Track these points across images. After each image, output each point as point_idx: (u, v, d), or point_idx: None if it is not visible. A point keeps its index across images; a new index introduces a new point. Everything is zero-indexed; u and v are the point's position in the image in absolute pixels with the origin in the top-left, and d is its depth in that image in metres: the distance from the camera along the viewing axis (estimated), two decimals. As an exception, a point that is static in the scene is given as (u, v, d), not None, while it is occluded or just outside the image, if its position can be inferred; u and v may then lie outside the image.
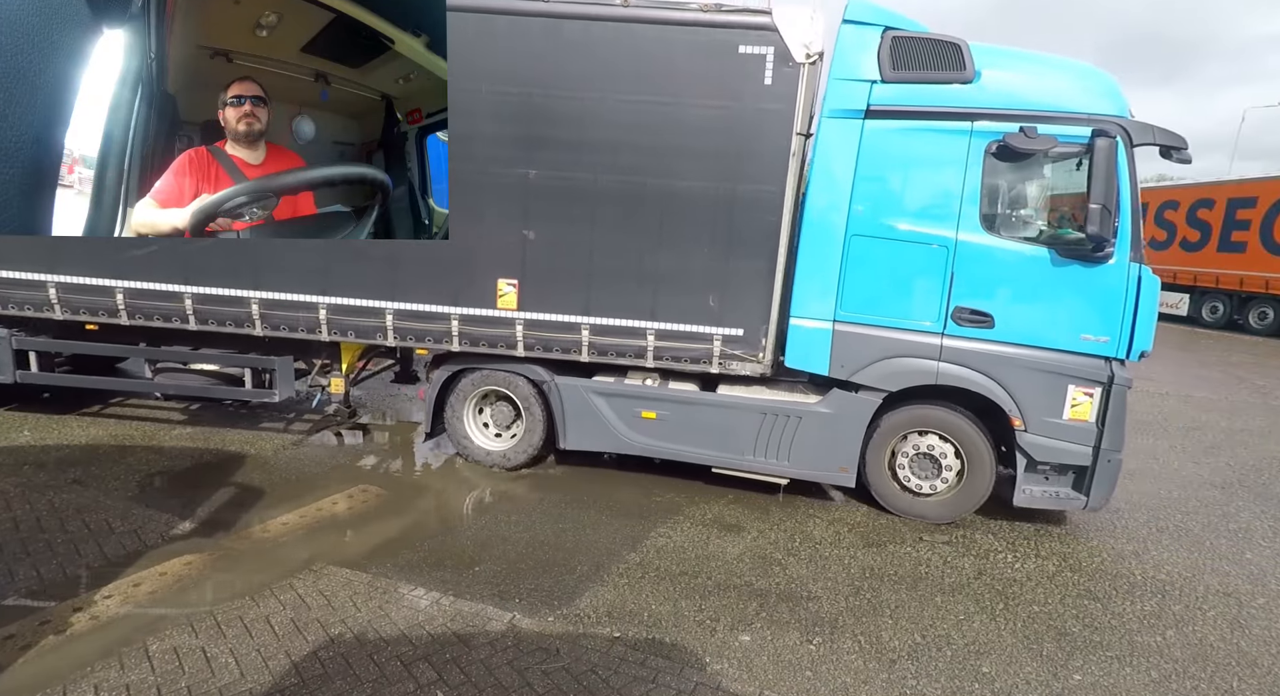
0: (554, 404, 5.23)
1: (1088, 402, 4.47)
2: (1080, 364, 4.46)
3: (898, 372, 4.64)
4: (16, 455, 5.18)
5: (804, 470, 4.99)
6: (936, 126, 4.41)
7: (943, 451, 4.82)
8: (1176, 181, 22.83)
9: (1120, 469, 4.67)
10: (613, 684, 2.94)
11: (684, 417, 5.05)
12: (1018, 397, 4.53)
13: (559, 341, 5.02)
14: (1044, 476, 4.75)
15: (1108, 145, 4.06)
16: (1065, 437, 4.55)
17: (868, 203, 4.53)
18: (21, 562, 3.66)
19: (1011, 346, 4.49)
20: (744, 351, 4.87)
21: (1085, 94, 4.36)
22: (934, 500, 4.90)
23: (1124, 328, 4.35)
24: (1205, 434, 7.85)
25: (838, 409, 4.84)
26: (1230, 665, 3.40)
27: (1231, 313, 18.38)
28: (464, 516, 4.63)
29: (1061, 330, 4.44)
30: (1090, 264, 4.31)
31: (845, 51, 4.48)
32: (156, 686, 2.78)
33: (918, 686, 3.09)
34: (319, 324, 5.14)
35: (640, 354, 4.97)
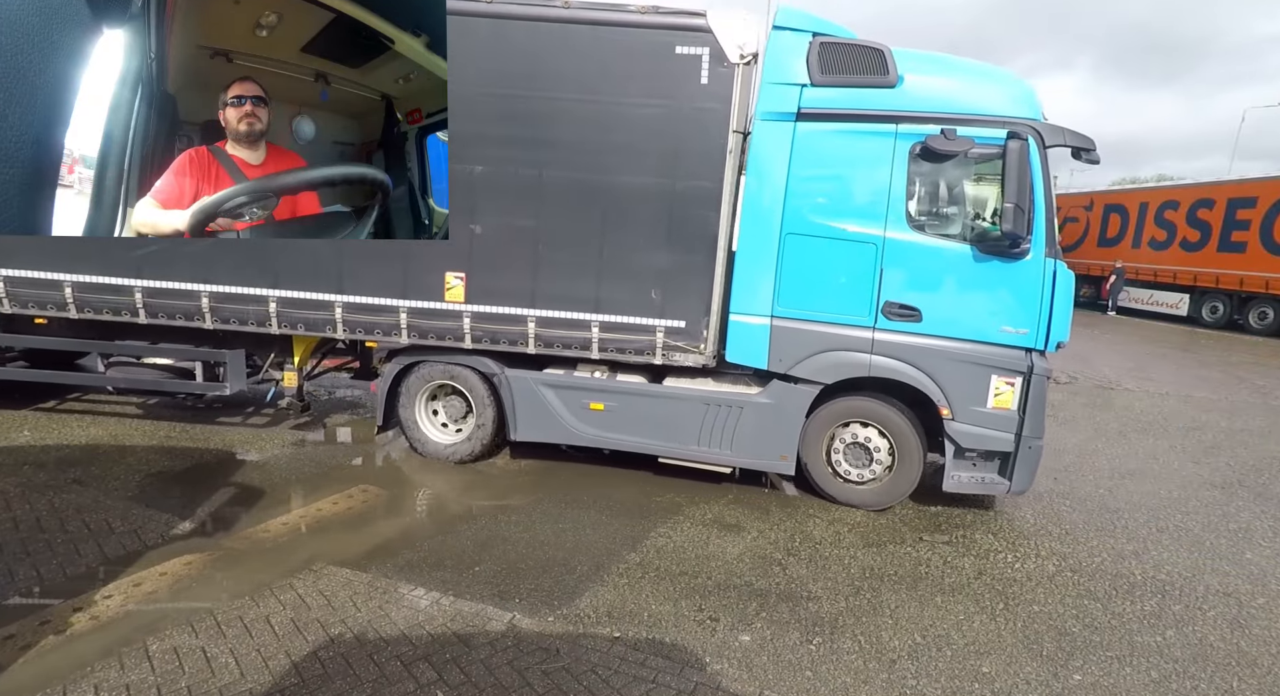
0: (504, 396, 5.33)
1: (1010, 392, 4.66)
2: (1002, 355, 4.64)
3: (833, 366, 4.82)
4: (16, 455, 5.18)
5: (746, 459, 5.15)
6: (863, 128, 4.58)
7: (876, 444, 4.99)
8: (1177, 181, 22.85)
9: (1041, 454, 4.80)
10: (613, 684, 2.94)
11: (631, 409, 5.18)
12: (945, 388, 4.71)
13: (506, 333, 5.13)
14: (971, 463, 4.92)
15: (1019, 147, 4.27)
16: (990, 425, 4.72)
17: (801, 202, 4.70)
18: (21, 562, 3.66)
19: (938, 339, 4.67)
20: (686, 343, 5.01)
21: (1001, 98, 4.54)
22: (867, 487, 5.08)
23: (1042, 320, 4.56)
24: (1205, 434, 7.85)
25: (777, 400, 5.00)
26: (1230, 665, 3.40)
27: (1231, 313, 18.39)
28: (464, 516, 4.63)
29: (984, 323, 4.63)
30: (1009, 260, 4.50)
31: (776, 56, 4.65)
32: (156, 686, 2.78)
33: (918, 686, 3.09)
34: (269, 317, 5.21)
35: (585, 346, 5.08)
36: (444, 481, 5.26)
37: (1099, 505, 5.49)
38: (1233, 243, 18.16)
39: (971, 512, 5.17)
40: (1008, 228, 4.28)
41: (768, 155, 4.70)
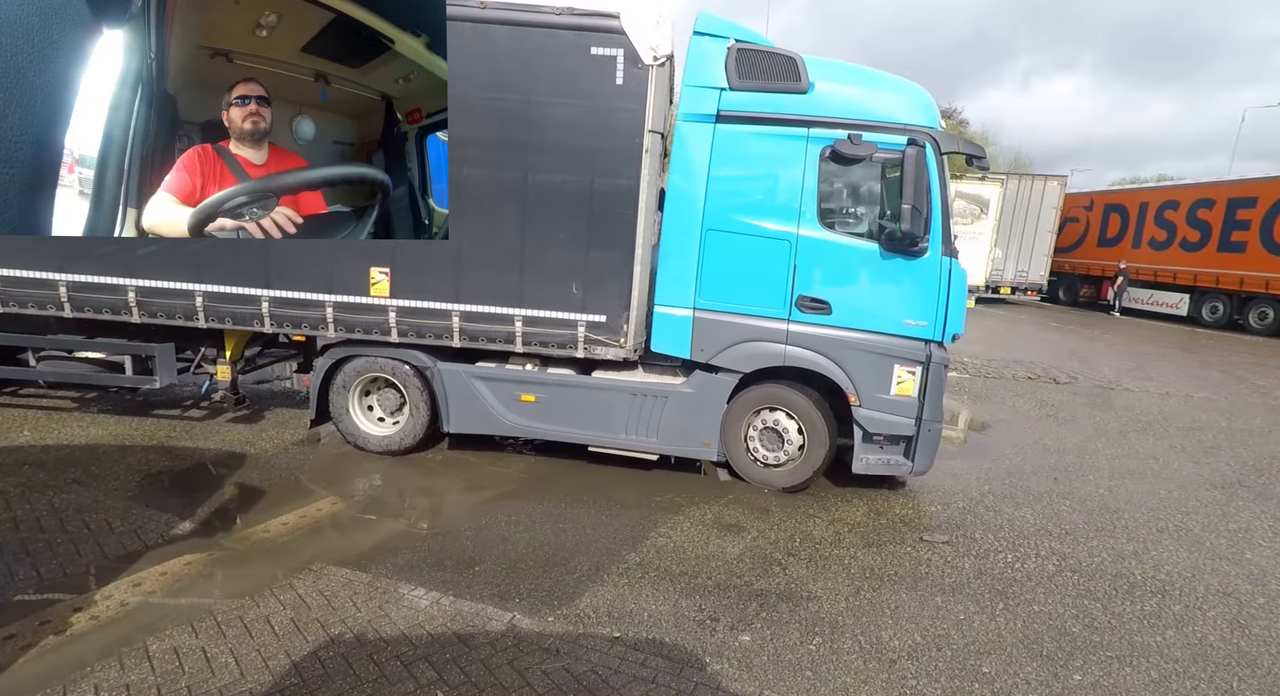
0: (437, 389, 5.44)
1: (911, 380, 4.93)
2: (904, 346, 4.90)
3: (751, 356, 5.05)
4: (16, 455, 5.17)
5: (671, 446, 5.36)
6: (778, 132, 4.79)
7: (785, 426, 5.23)
8: (1177, 181, 22.85)
9: (940, 437, 5.15)
10: (613, 684, 2.94)
11: (561, 400, 5.33)
12: (853, 376, 4.97)
13: (431, 327, 5.21)
14: (879, 446, 5.16)
15: (917, 153, 4.53)
16: (893, 411, 4.99)
17: (721, 199, 4.90)
18: (22, 562, 3.66)
19: (846, 331, 4.93)
20: (607, 336, 5.10)
21: (902, 106, 4.78)
22: (781, 470, 5.32)
23: (939, 313, 4.83)
24: (1205, 434, 7.85)
25: (699, 389, 5.21)
26: (1230, 665, 3.40)
27: (1231, 313, 18.39)
28: (464, 516, 4.63)
29: (888, 316, 4.89)
30: (909, 257, 4.76)
31: (696, 61, 4.84)
32: (156, 686, 2.78)
33: (918, 686, 3.09)
34: (196, 311, 5.26)
35: (510, 339, 5.18)
36: (444, 482, 5.26)
37: (1099, 505, 5.49)
38: (1233, 243, 18.17)
39: (971, 512, 5.17)
40: (906, 227, 4.54)
41: (689, 154, 4.90)
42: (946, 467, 6.21)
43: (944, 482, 5.79)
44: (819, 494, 5.35)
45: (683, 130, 4.91)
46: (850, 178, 4.89)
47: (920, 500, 5.36)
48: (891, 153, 4.65)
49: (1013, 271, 21.00)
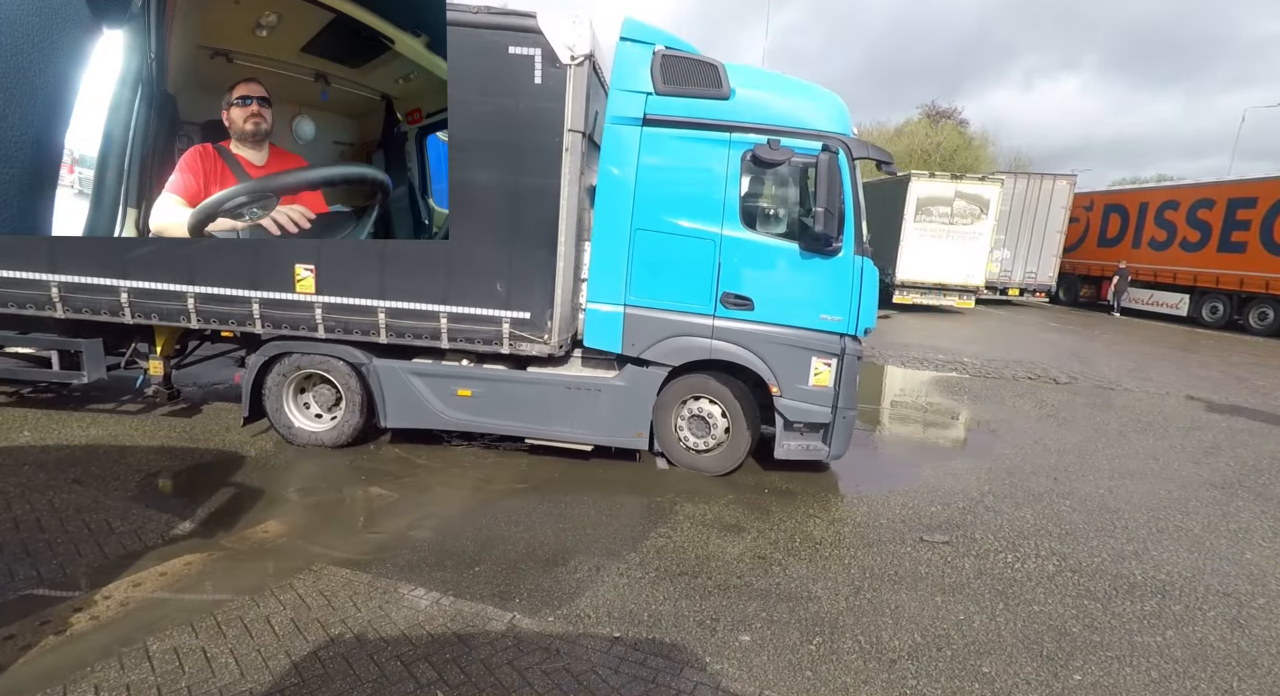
0: (373, 385, 5.52)
1: (827, 371, 5.19)
2: (821, 339, 5.16)
3: (679, 349, 5.27)
4: (16, 455, 5.17)
5: (606, 437, 5.55)
6: (702, 135, 4.98)
7: (711, 414, 5.49)
8: (1177, 181, 22.85)
9: (854, 423, 5.46)
10: (612, 683, 2.94)
11: (498, 394, 5.47)
12: (774, 368, 5.21)
13: (358, 323, 5.29)
14: (799, 433, 5.42)
15: (830, 158, 4.76)
16: (811, 401, 5.24)
17: (648, 200, 5.07)
18: (22, 562, 3.66)
19: (768, 325, 5.16)
20: (531, 333, 5.21)
21: (817, 114, 5.01)
22: (709, 455, 5.58)
23: (852, 308, 5.10)
24: (1205, 434, 7.85)
25: (631, 382, 5.41)
26: (1230, 665, 3.40)
27: (1231, 312, 18.39)
28: (464, 516, 4.63)
29: (806, 311, 5.15)
30: (825, 256, 5.02)
31: (623, 66, 4.98)
32: (156, 686, 2.78)
33: (918, 686, 3.09)
34: (121, 307, 5.29)
35: (435, 335, 5.26)
36: (444, 482, 5.26)
37: (1099, 505, 5.49)
38: (1233, 243, 18.17)
39: (971, 512, 5.17)
40: (820, 228, 4.80)
41: (618, 156, 5.05)
42: (947, 468, 6.22)
43: (944, 482, 5.79)
44: (818, 494, 5.35)
45: (611, 133, 5.05)
46: (770, 180, 5.15)
47: (920, 500, 5.36)
48: (807, 157, 4.89)
49: (1021, 272, 20.74)
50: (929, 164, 37.67)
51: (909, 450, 6.86)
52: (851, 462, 6.37)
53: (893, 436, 7.40)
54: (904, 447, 6.94)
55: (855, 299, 5.08)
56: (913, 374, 10.70)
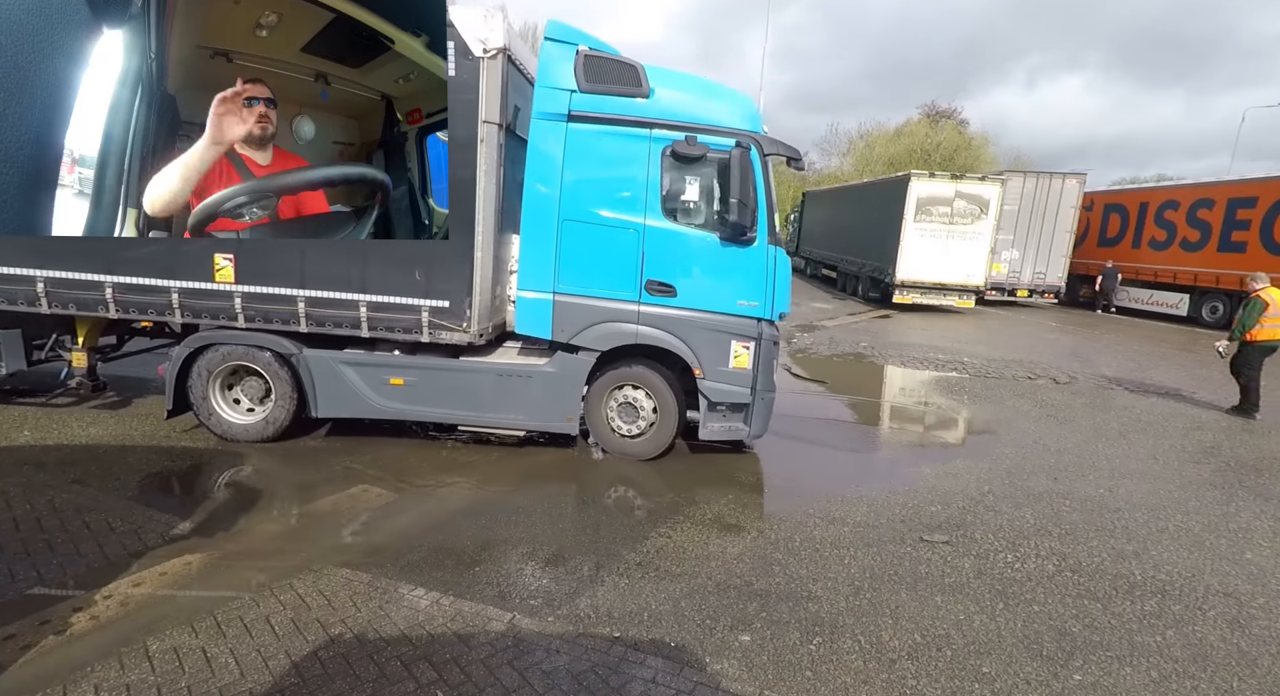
0: (303, 376, 5.55)
1: (746, 354, 5.44)
2: (739, 324, 5.41)
3: (606, 335, 5.44)
4: (16, 455, 5.18)
5: (537, 422, 5.68)
6: (624, 132, 5.18)
7: (639, 400, 5.69)
8: (1177, 181, 22.83)
9: (772, 405, 5.67)
10: (612, 683, 2.94)
11: (431, 383, 5.56)
12: (697, 352, 5.45)
13: (278, 313, 5.34)
14: (722, 414, 5.65)
15: (741, 154, 5.01)
16: (732, 382, 5.49)
17: (575, 192, 5.24)
18: (22, 562, 3.66)
19: (690, 311, 5.39)
20: (450, 321, 5.27)
21: (731, 113, 5.27)
22: (639, 440, 5.76)
23: (767, 294, 5.37)
24: (1205, 434, 7.85)
25: (560, 368, 5.56)
26: (1230, 665, 3.40)
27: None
28: (464, 516, 4.63)
29: (725, 297, 5.39)
30: (741, 246, 5.28)
31: (548, 64, 5.15)
32: (156, 686, 2.78)
33: (918, 686, 3.09)
34: (38, 296, 5.30)
35: (356, 324, 5.33)
36: (444, 482, 5.26)
37: (1099, 505, 5.49)
38: (1233, 242, 18.15)
39: (971, 512, 5.17)
40: (733, 219, 5.04)
41: (545, 150, 5.21)
42: (947, 468, 6.21)
43: (944, 483, 5.79)
44: (818, 494, 5.35)
45: (538, 127, 5.20)
46: (689, 174, 5.30)
47: (920, 500, 5.36)
48: (722, 153, 5.12)
49: (1030, 273, 20.31)
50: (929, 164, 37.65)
51: (909, 450, 6.86)
52: (852, 462, 6.37)
53: (893, 436, 7.40)
54: (904, 447, 6.94)
55: (770, 285, 5.35)
56: (912, 373, 10.70)
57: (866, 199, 22.31)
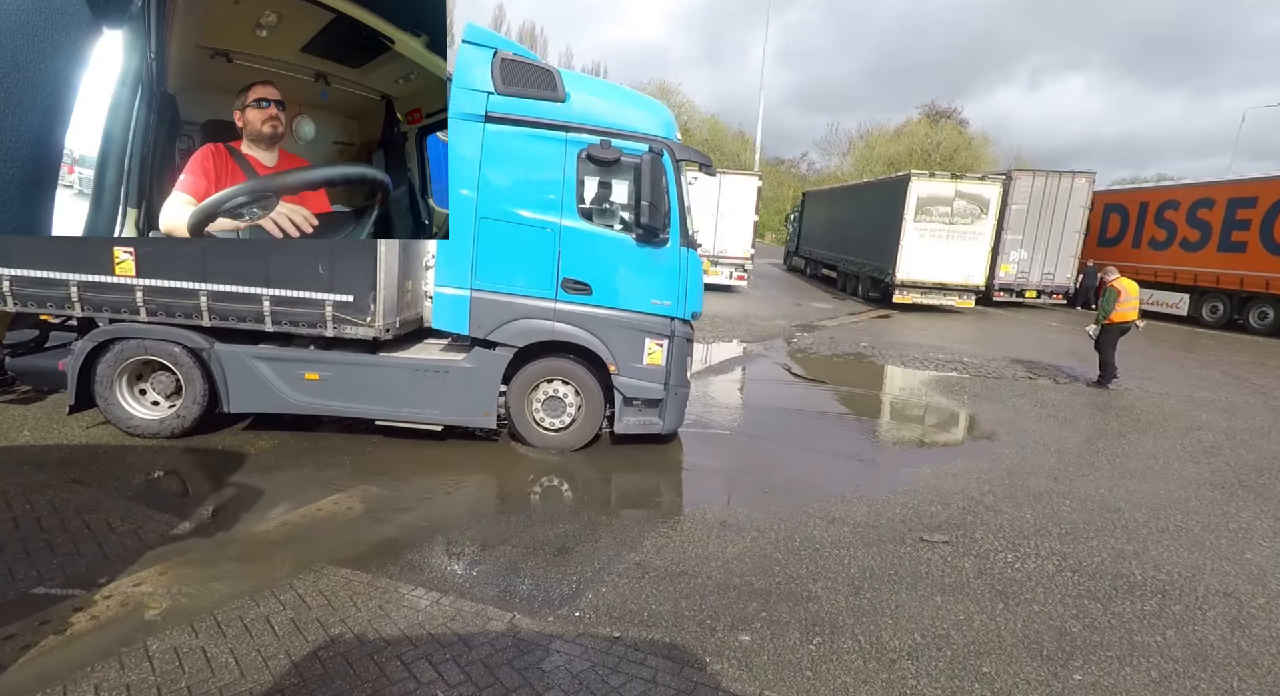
0: (215, 371, 5.54)
1: (660, 351, 5.64)
2: (653, 322, 5.60)
3: (524, 332, 5.56)
4: (16, 455, 5.18)
5: (455, 417, 5.74)
6: (541, 133, 5.33)
7: (564, 394, 5.82)
8: (1177, 181, 22.84)
9: (686, 400, 5.98)
10: (612, 683, 2.94)
11: (346, 377, 5.61)
12: (612, 349, 5.60)
13: (180, 306, 5.32)
14: (638, 409, 5.81)
15: (653, 158, 5.19)
16: (646, 378, 5.68)
17: (492, 191, 5.36)
18: (22, 562, 3.66)
19: (606, 309, 5.55)
20: (355, 316, 5.31)
21: (645, 119, 5.46)
22: (565, 433, 5.88)
23: (679, 294, 5.57)
24: (1205, 434, 7.85)
25: (477, 363, 5.65)
26: (1230, 665, 3.40)
27: (1231, 312, 18.38)
28: (464, 516, 4.63)
29: (639, 296, 5.56)
30: (654, 247, 5.47)
31: (465, 66, 5.27)
32: (156, 686, 2.78)
33: (918, 686, 3.09)
34: None
35: (259, 318, 5.34)
36: (443, 482, 5.26)
37: (1099, 505, 5.49)
38: (1233, 242, 18.15)
39: (971, 512, 5.17)
40: (644, 221, 5.22)
41: (463, 150, 5.28)
42: (947, 468, 6.22)
43: (944, 483, 5.79)
44: (817, 494, 5.35)
45: (456, 127, 5.22)
46: (604, 177, 5.50)
47: (920, 500, 5.36)
48: (635, 157, 5.27)
49: (1039, 274, 19.91)
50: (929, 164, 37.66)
51: (909, 450, 6.86)
52: (852, 462, 6.37)
53: (893, 436, 7.40)
54: (904, 447, 6.94)
55: (682, 285, 5.55)
56: (913, 373, 10.70)
57: (866, 199, 22.31)
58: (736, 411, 8.07)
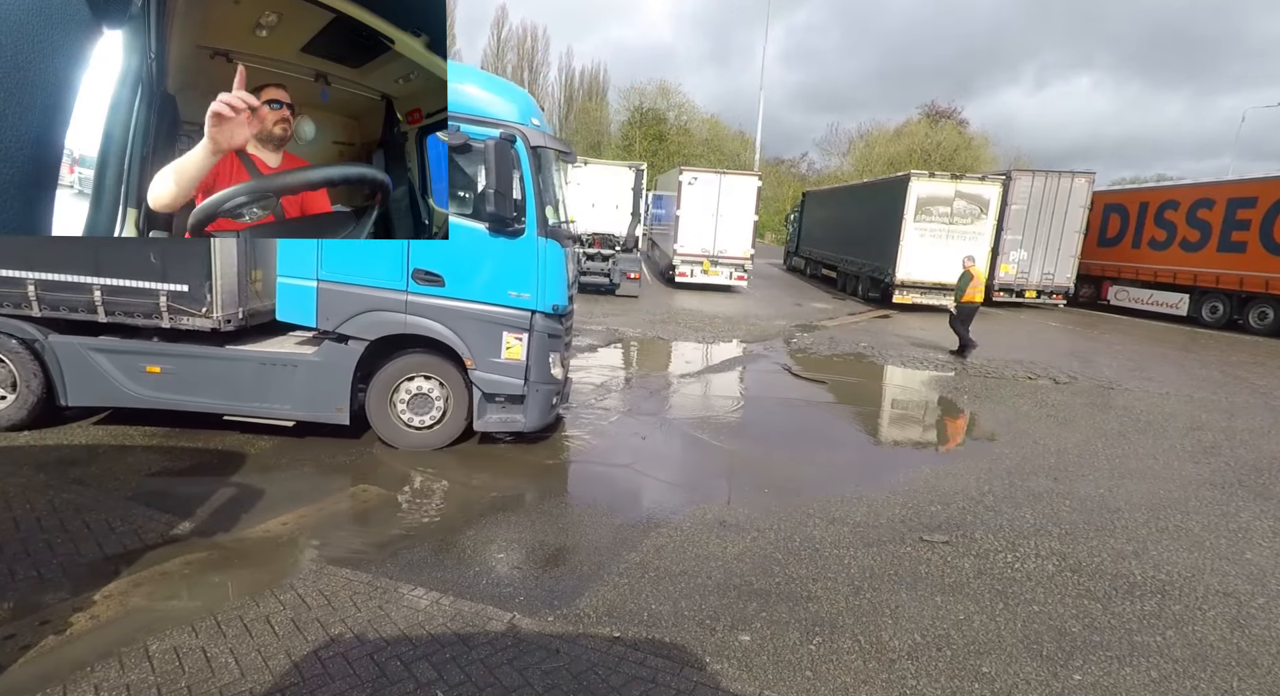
0: (50, 363, 5.40)
1: (518, 345, 5.45)
2: (511, 315, 5.41)
3: (374, 324, 5.38)
4: (16, 455, 5.18)
5: (305, 412, 5.56)
6: None
7: (430, 390, 5.63)
8: (1177, 181, 22.83)
9: (550, 397, 5.74)
10: (612, 683, 2.94)
11: (191, 371, 5.43)
12: (468, 342, 5.42)
13: (6, 295, 5.21)
14: (501, 405, 5.65)
15: (500, 144, 4.98)
16: (504, 373, 5.49)
17: None
18: (22, 562, 3.66)
19: (460, 301, 5.36)
20: (191, 306, 5.18)
21: (499, 105, 5.28)
22: (431, 431, 5.70)
23: (538, 286, 5.38)
24: (1205, 434, 7.85)
25: (327, 357, 5.46)
26: (1230, 665, 3.40)
27: (1231, 312, 18.37)
28: (464, 516, 4.63)
29: (495, 288, 5.38)
30: (510, 237, 5.26)
31: None
32: (156, 686, 2.78)
33: (918, 686, 3.09)
34: None
35: (91, 308, 5.19)
36: (443, 482, 5.26)
37: (1099, 505, 5.49)
38: (1233, 242, 18.15)
39: (971, 512, 5.17)
40: (491, 210, 5.00)
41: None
42: (946, 468, 6.22)
43: (944, 483, 5.79)
44: (817, 494, 5.35)
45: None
46: (455, 165, 5.19)
47: (920, 500, 5.36)
48: (483, 142, 5.02)
49: (1038, 274, 19.87)
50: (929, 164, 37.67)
51: (909, 450, 6.86)
52: (852, 461, 6.37)
53: (893, 436, 7.40)
54: (904, 447, 6.94)
55: (540, 277, 5.37)
56: (912, 373, 10.69)
57: (866, 199, 22.30)
58: (736, 411, 8.07)
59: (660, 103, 52.49)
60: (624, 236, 18.87)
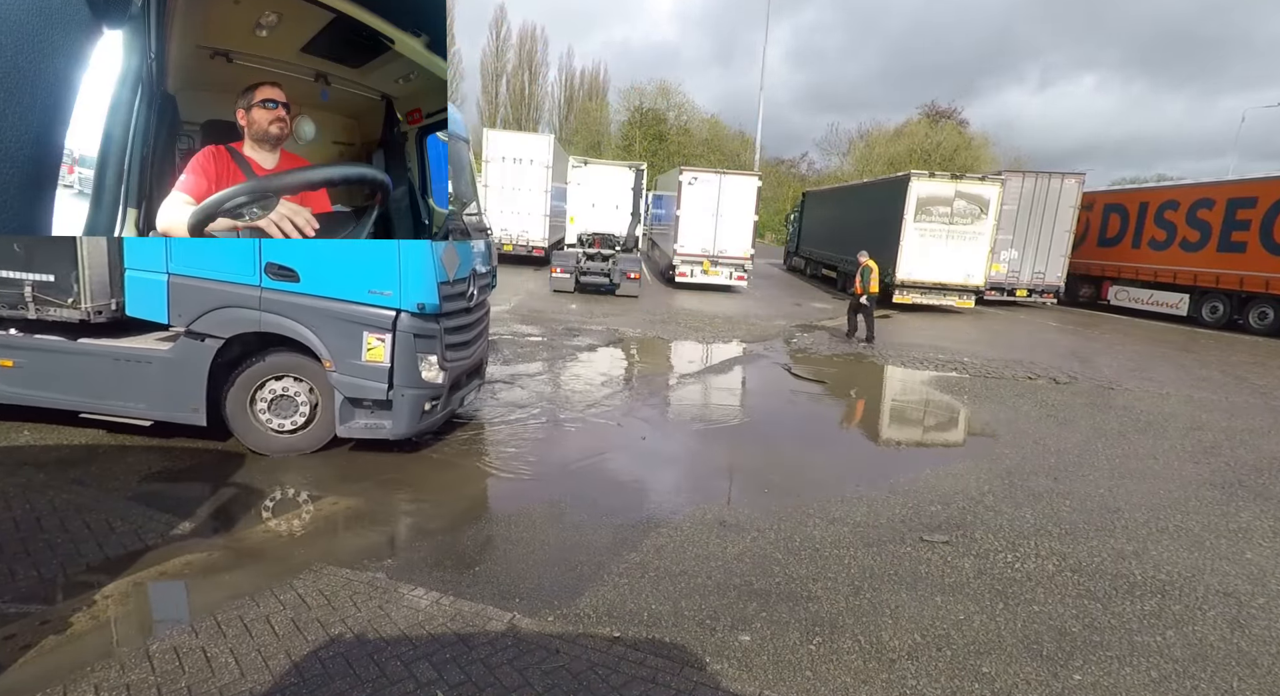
0: None
1: (381, 347, 5.11)
2: (372, 314, 5.07)
3: (228, 321, 5.10)
4: (16, 455, 5.18)
5: (160, 412, 5.32)
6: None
7: (296, 391, 5.34)
8: (1177, 181, 22.84)
9: (418, 402, 5.31)
10: (612, 683, 2.94)
11: (43, 365, 5.24)
12: (326, 342, 5.10)
13: None
14: (369, 410, 5.34)
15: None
16: (365, 376, 5.15)
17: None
18: (22, 562, 3.66)
19: (316, 298, 5.05)
20: (58, 296, 5.02)
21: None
22: (299, 435, 5.41)
23: (401, 284, 5.04)
24: (1205, 434, 7.85)
25: (181, 354, 5.20)
26: (1230, 665, 3.40)
27: (1231, 312, 18.38)
28: (464, 516, 4.63)
29: (353, 285, 5.05)
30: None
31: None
32: (156, 686, 2.78)
33: (918, 686, 3.09)
34: None
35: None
36: (444, 482, 5.26)
37: (1099, 505, 5.49)
38: (1233, 242, 18.16)
39: (971, 512, 5.17)
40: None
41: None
42: (947, 468, 6.22)
43: (944, 483, 5.79)
44: (817, 493, 5.35)
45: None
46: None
47: (920, 500, 5.36)
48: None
49: (1029, 273, 20.27)
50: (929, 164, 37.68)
51: (909, 450, 6.86)
52: (852, 461, 6.37)
53: (893, 436, 7.40)
54: (904, 447, 6.94)
55: (402, 273, 5.07)
56: (913, 373, 10.70)
57: (866, 199, 22.31)
58: (736, 411, 8.07)
59: (660, 103, 52.57)
60: (624, 236, 18.89)
